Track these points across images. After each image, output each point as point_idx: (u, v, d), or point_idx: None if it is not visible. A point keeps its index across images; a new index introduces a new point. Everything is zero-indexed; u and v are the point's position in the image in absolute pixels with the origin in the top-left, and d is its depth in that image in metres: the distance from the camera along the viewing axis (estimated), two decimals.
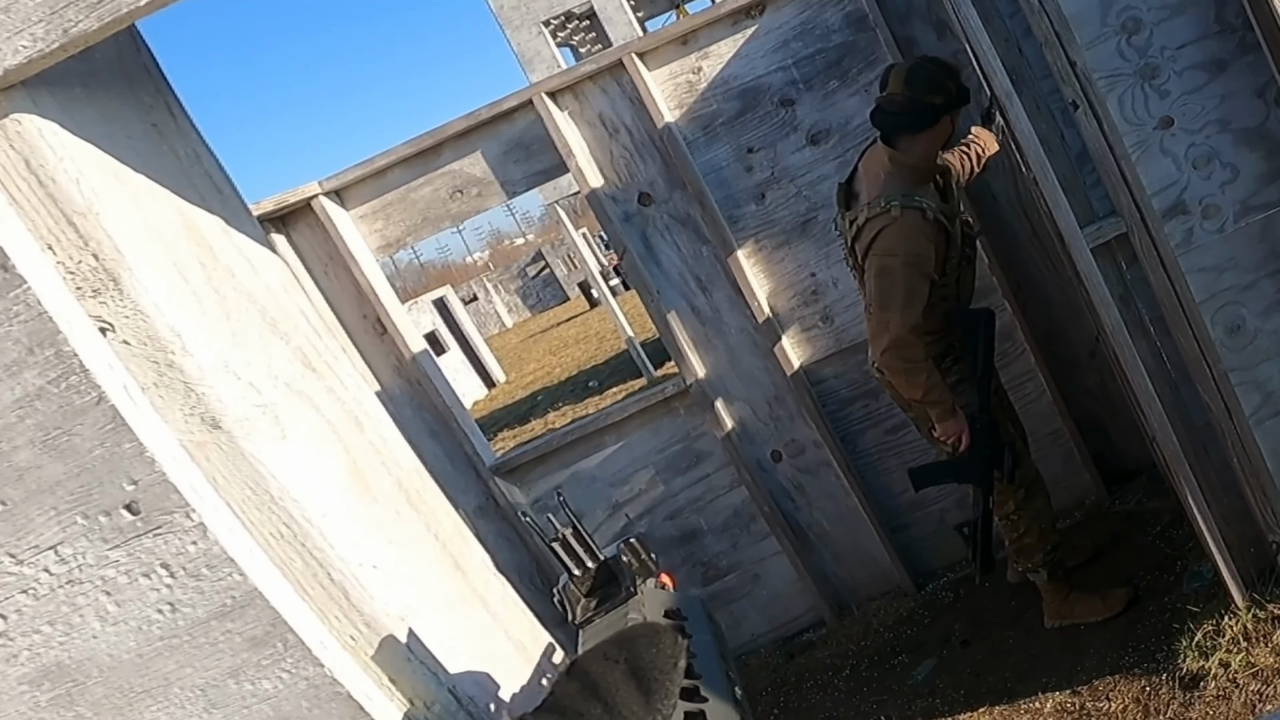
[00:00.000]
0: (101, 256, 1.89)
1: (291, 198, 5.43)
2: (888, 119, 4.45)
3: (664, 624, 1.82)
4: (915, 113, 4.39)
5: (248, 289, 2.27)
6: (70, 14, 1.82)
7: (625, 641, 1.64)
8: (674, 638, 1.64)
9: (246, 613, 1.87)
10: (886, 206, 4.40)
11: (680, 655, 1.61)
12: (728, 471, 5.89)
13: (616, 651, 1.62)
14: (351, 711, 1.92)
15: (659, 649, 1.61)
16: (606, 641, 1.65)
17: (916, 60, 4.58)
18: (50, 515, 1.84)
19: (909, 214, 4.39)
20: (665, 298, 5.66)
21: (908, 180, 4.44)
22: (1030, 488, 4.86)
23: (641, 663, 1.59)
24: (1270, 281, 3.76)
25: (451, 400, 5.86)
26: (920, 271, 4.40)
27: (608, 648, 1.63)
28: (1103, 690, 4.48)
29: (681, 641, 1.64)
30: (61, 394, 1.79)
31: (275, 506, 1.94)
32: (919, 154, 4.46)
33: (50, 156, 1.88)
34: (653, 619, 1.92)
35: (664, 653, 1.60)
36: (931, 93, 4.37)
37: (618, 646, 1.63)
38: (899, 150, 4.45)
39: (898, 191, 4.41)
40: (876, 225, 4.43)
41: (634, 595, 2.01)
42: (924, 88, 4.37)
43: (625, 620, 1.93)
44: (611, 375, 18.87)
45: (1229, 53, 3.56)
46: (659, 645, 1.62)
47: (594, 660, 1.63)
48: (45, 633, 1.90)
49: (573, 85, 5.48)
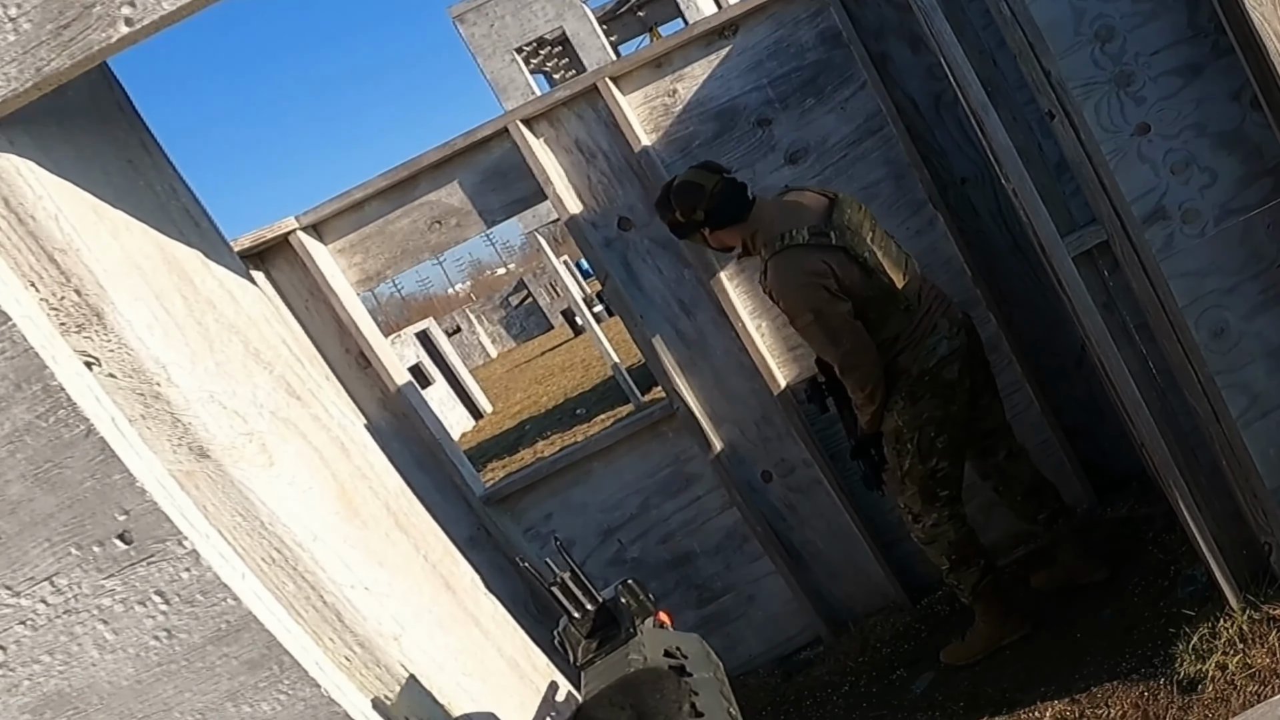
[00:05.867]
0: (84, 292, 1.90)
1: (269, 234, 5.41)
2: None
3: (666, 668, 1.83)
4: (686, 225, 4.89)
5: (229, 319, 2.28)
6: (42, 53, 1.83)
7: (630, 687, 1.67)
8: (677, 682, 1.66)
9: (242, 636, 1.88)
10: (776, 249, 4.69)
11: (684, 699, 1.64)
12: (719, 493, 5.88)
13: (622, 698, 1.64)
14: None
15: (663, 694, 1.64)
16: (611, 688, 1.68)
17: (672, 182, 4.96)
18: (45, 547, 1.85)
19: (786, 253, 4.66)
20: (649, 322, 5.66)
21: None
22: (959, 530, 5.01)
23: (647, 708, 1.62)
24: (1253, 284, 3.76)
25: (439, 431, 5.85)
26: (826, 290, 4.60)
27: (613, 694, 1.66)
28: (1101, 697, 4.47)
29: (685, 685, 1.66)
30: (50, 428, 1.80)
31: (265, 532, 1.96)
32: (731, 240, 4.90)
33: (29, 194, 1.88)
34: (653, 659, 1.93)
35: (668, 698, 1.63)
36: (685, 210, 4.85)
37: (623, 693, 1.66)
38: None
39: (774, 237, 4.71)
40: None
41: (634, 636, 2.03)
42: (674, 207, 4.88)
43: (627, 661, 1.94)
44: (599, 402, 18.86)
45: (1203, 57, 3.57)
46: (663, 690, 1.64)
47: (600, 707, 1.65)
48: (45, 662, 1.91)
49: (548, 112, 5.47)
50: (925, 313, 4.74)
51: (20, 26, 1.82)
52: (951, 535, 4.95)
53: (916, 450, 4.79)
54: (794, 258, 4.61)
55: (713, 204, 4.74)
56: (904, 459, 4.84)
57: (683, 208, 4.79)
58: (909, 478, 4.87)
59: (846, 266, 4.57)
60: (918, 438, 4.77)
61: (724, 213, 4.76)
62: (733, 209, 4.76)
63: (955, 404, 4.76)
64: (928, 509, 4.91)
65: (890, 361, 4.72)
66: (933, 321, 4.73)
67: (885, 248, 4.71)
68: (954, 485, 4.94)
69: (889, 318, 4.68)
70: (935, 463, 4.82)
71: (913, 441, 4.78)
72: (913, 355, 4.70)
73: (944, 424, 4.77)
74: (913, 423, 4.75)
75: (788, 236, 4.62)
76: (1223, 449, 4.02)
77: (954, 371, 4.72)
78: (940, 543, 4.96)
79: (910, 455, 4.81)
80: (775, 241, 4.65)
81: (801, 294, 4.59)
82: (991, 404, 5.06)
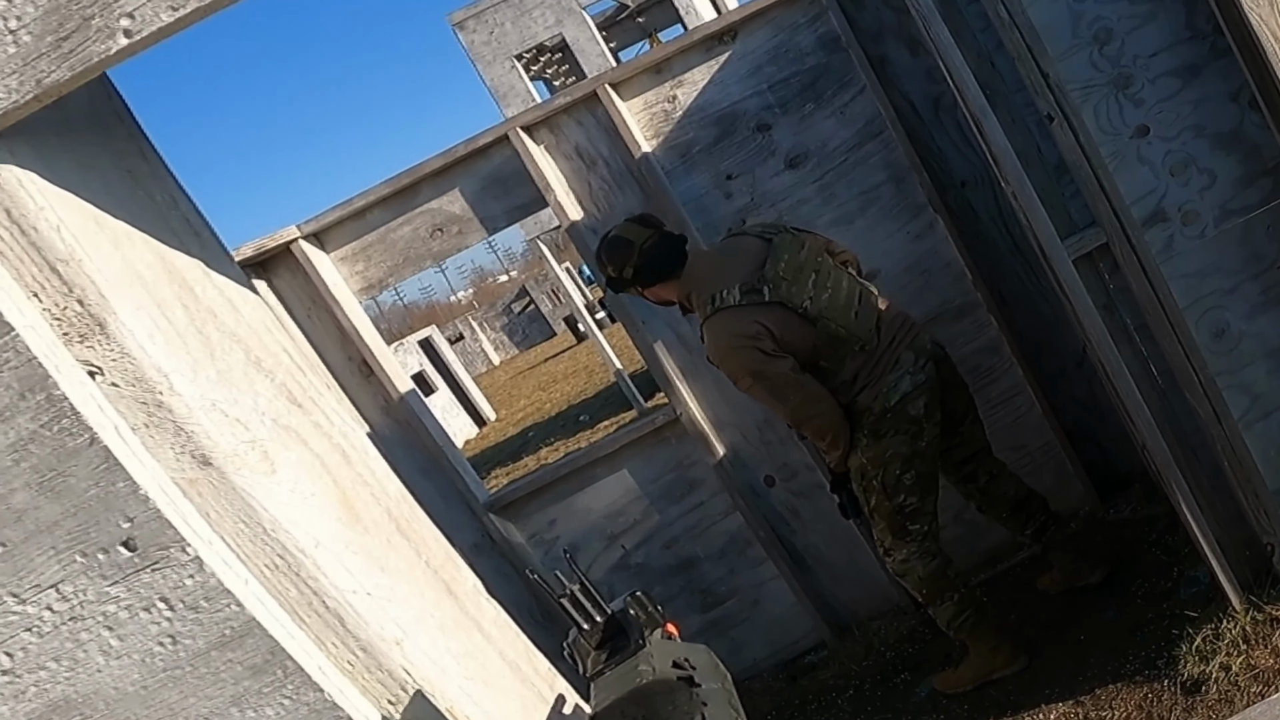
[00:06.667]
0: (86, 302, 1.91)
1: (271, 243, 5.42)
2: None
3: (677, 679, 1.84)
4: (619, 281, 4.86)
5: (230, 328, 2.29)
6: (42, 65, 1.84)
7: (642, 698, 1.69)
8: (689, 694, 1.68)
9: (245, 642, 1.90)
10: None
11: (695, 711, 1.65)
12: (722, 498, 5.88)
13: (634, 709, 1.66)
14: None
15: (675, 705, 1.66)
16: (623, 699, 1.70)
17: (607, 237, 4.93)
18: (50, 555, 1.87)
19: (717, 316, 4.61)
20: (651, 327, 5.66)
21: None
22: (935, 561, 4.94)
23: (659, 718, 1.63)
24: (1253, 284, 3.77)
25: (442, 439, 5.85)
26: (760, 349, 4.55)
27: (625, 705, 1.68)
28: (1105, 699, 4.47)
29: (696, 697, 1.67)
30: (55, 437, 1.81)
31: (268, 538, 1.97)
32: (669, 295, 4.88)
33: (31, 205, 1.90)
34: (662, 670, 1.94)
35: (680, 709, 1.65)
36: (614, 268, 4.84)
37: (635, 703, 1.67)
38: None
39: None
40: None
41: (643, 647, 2.03)
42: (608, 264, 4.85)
43: (636, 672, 1.94)
44: (602, 408, 18.84)
45: (1201, 58, 3.58)
46: (675, 702, 1.66)
47: (613, 716, 1.66)
48: (51, 669, 1.92)
49: (548, 119, 5.48)
50: (886, 347, 4.66)
51: (20, 39, 1.84)
52: (920, 570, 4.86)
53: (882, 487, 4.73)
54: (726, 321, 4.56)
55: (642, 260, 4.70)
56: (870, 495, 4.78)
57: (613, 264, 4.76)
58: (877, 513, 4.81)
59: (785, 320, 4.51)
60: (882, 474, 4.70)
61: (652, 270, 4.73)
62: (663, 265, 4.72)
63: (923, 439, 4.69)
64: (898, 544, 4.84)
65: (850, 401, 4.65)
66: (895, 356, 4.65)
67: (834, 286, 4.63)
68: (924, 519, 4.84)
69: (844, 360, 4.61)
70: (903, 499, 4.75)
71: (878, 479, 4.72)
72: (873, 393, 4.62)
73: (910, 460, 4.70)
74: (876, 460, 4.68)
75: (718, 299, 4.56)
76: (1224, 450, 4.03)
77: (919, 407, 4.64)
78: (911, 577, 4.89)
79: (876, 492, 4.75)
80: (707, 305, 4.60)
81: (736, 358, 4.54)
82: (971, 430, 5.02)
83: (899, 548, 4.84)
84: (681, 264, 4.72)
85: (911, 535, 4.82)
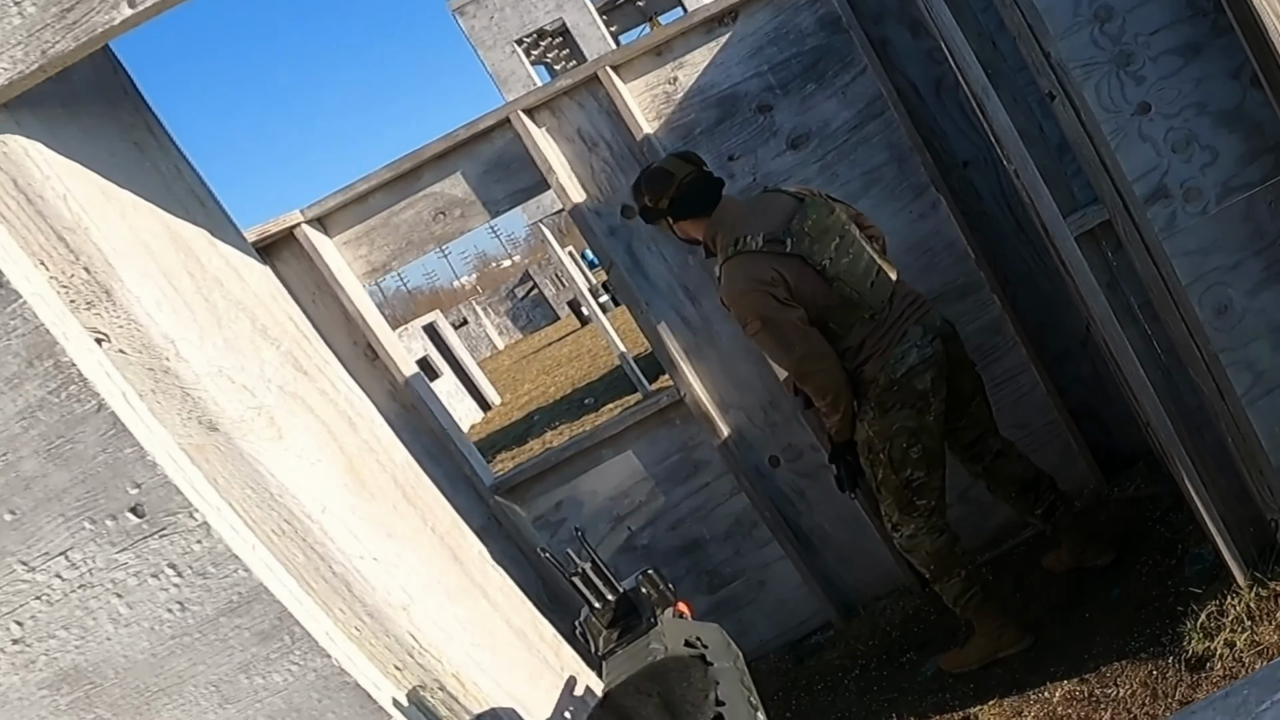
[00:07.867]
0: (93, 270, 1.92)
1: (274, 227, 5.43)
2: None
3: (691, 657, 1.85)
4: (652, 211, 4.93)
5: (236, 297, 2.30)
6: (47, 35, 1.85)
7: (657, 675, 1.70)
8: (703, 670, 1.69)
9: (253, 608, 1.91)
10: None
11: (710, 688, 1.67)
12: (727, 479, 5.89)
13: (649, 685, 1.68)
14: (360, 700, 1.95)
15: (689, 682, 1.67)
16: (638, 675, 1.71)
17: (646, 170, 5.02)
18: (59, 522, 1.88)
19: (736, 259, 4.68)
20: (654, 309, 5.67)
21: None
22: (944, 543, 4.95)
23: (674, 696, 1.65)
24: (1256, 260, 3.77)
25: (447, 422, 5.86)
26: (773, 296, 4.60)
27: (640, 681, 1.69)
28: (1110, 676, 4.48)
29: (710, 674, 1.69)
30: (62, 403, 1.82)
31: (275, 504, 1.98)
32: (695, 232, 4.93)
33: (37, 174, 1.91)
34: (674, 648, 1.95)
35: (694, 686, 1.66)
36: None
37: (650, 680, 1.69)
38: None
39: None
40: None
41: (654, 626, 2.04)
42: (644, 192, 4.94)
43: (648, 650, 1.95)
44: (606, 391, 18.83)
45: (1202, 36, 3.57)
46: (689, 679, 1.68)
47: (627, 693, 1.68)
48: (61, 637, 1.93)
49: (549, 101, 5.49)
50: (895, 320, 4.68)
51: (25, 10, 1.85)
52: (929, 546, 4.88)
53: (889, 461, 4.75)
54: (743, 264, 4.62)
55: (679, 193, 4.76)
56: (877, 469, 4.80)
57: (651, 193, 4.82)
58: (884, 488, 4.83)
59: (801, 274, 4.56)
60: (889, 448, 4.73)
61: (687, 204, 4.78)
62: (697, 202, 4.78)
63: (929, 414, 4.71)
64: (905, 519, 4.86)
65: (855, 370, 4.68)
66: (902, 329, 4.66)
67: (855, 253, 4.68)
68: (932, 494, 4.86)
69: (852, 326, 4.64)
70: (910, 473, 4.77)
71: (884, 452, 4.74)
72: (879, 364, 4.64)
73: (917, 434, 4.71)
74: (884, 433, 4.71)
75: (741, 242, 4.61)
76: (1228, 427, 4.03)
77: (925, 381, 4.65)
78: (918, 553, 4.91)
79: (883, 466, 4.77)
80: (729, 247, 4.65)
81: (748, 301, 4.59)
82: (979, 410, 5.04)
83: (906, 523, 4.86)
84: (714, 204, 4.79)
85: (918, 510, 4.83)
